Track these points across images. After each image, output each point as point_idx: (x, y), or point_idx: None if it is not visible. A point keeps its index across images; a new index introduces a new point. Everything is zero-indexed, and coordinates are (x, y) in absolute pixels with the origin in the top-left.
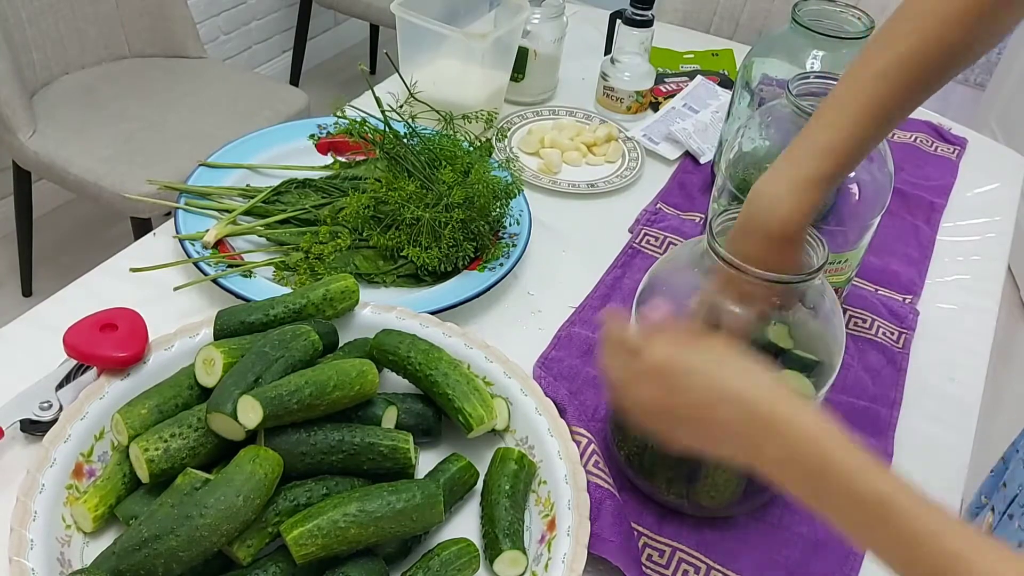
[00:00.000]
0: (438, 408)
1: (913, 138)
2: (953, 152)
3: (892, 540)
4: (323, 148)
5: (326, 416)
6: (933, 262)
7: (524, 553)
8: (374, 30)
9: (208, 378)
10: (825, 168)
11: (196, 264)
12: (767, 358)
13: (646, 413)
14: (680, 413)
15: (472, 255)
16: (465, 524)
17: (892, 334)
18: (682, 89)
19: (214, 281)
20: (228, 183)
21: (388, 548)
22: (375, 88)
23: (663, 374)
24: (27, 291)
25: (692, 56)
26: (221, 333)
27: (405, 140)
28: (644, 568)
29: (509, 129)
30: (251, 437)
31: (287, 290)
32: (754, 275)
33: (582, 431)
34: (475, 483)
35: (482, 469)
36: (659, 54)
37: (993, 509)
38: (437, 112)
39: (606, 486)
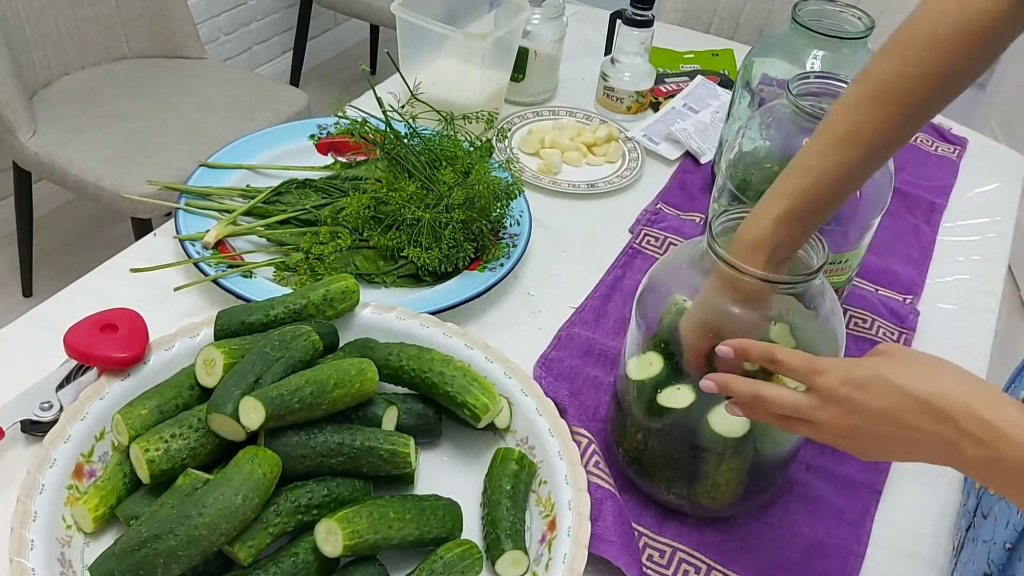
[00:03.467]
0: (439, 407)
1: (914, 138)
2: (953, 152)
3: None
4: (323, 148)
5: (327, 416)
6: (933, 262)
7: (526, 553)
8: (374, 30)
9: (209, 378)
10: (800, 205)
11: (196, 264)
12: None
13: (835, 437)
14: (868, 429)
15: (472, 255)
16: (466, 524)
17: (892, 334)
18: (682, 89)
19: (214, 281)
20: (228, 183)
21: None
22: (376, 88)
23: (841, 395)
24: (27, 291)
25: (692, 56)
26: (221, 333)
27: (405, 140)
28: (644, 568)
29: (509, 129)
30: (251, 438)
31: (287, 290)
32: (753, 275)
33: (582, 431)
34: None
35: (482, 469)
36: (659, 54)
37: None
38: (438, 112)
39: (606, 486)
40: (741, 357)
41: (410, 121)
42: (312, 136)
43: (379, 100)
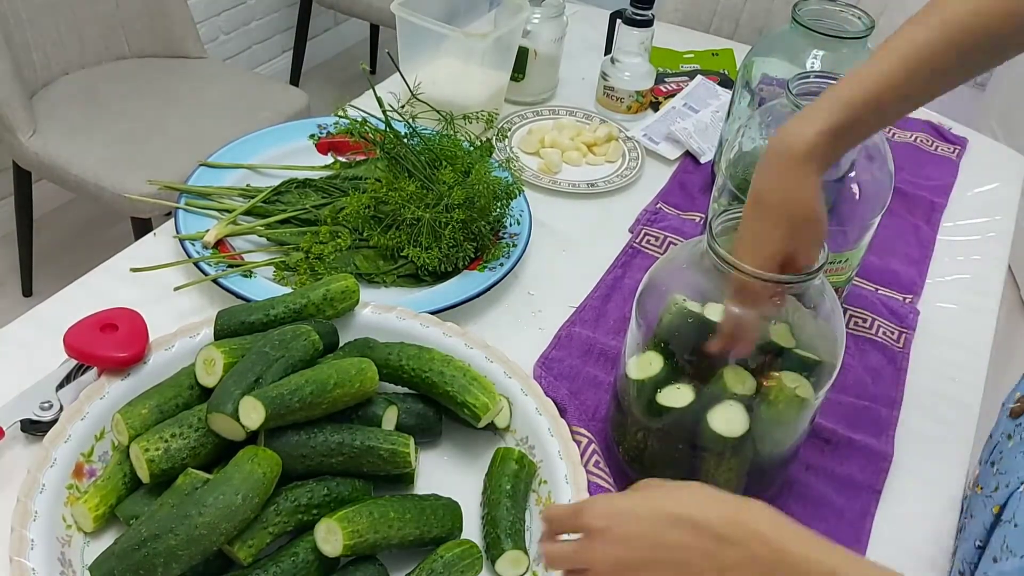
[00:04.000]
0: (439, 407)
1: (913, 138)
2: (953, 152)
3: None
4: (323, 148)
5: (327, 416)
6: (933, 262)
7: (526, 553)
8: (374, 30)
9: (208, 378)
10: (842, 119)
11: (196, 264)
12: (769, 357)
13: (609, 572)
14: (632, 558)
15: (472, 255)
16: (466, 524)
17: (892, 334)
18: (682, 89)
19: (214, 281)
20: (228, 183)
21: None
22: (376, 88)
23: (601, 527)
24: (27, 291)
25: (692, 56)
26: (221, 333)
27: (405, 140)
28: None
29: (509, 129)
30: (251, 438)
31: (287, 290)
32: (753, 275)
33: (582, 431)
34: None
35: (482, 469)
36: (659, 54)
37: (980, 462)
38: (438, 112)
39: (606, 486)
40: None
41: (410, 121)
42: (312, 136)
43: (379, 100)
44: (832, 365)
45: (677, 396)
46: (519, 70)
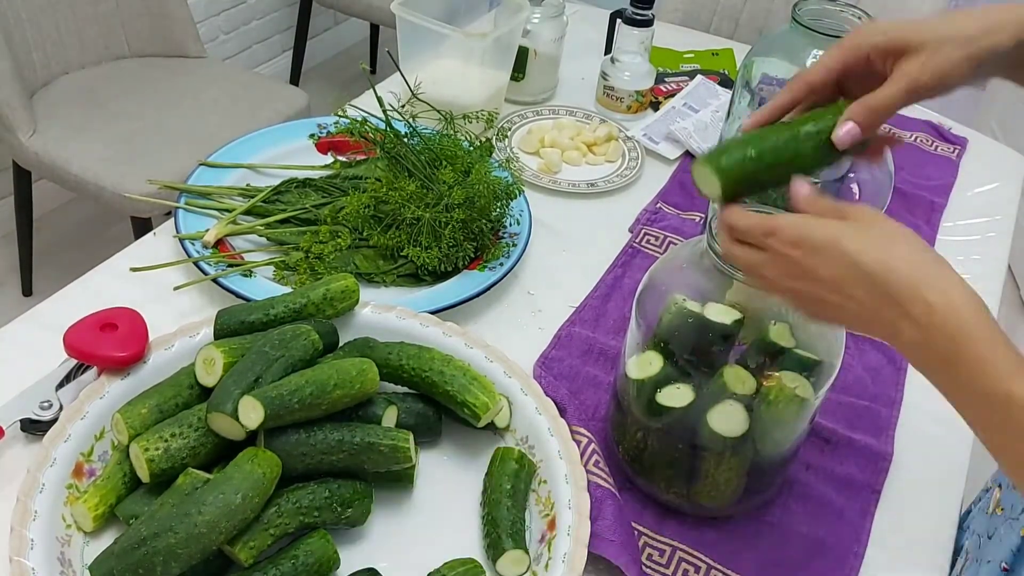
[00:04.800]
0: (438, 407)
1: (913, 138)
2: (953, 152)
3: (1015, 441)
4: (323, 148)
5: (326, 416)
6: None
7: (527, 552)
8: (374, 30)
9: (208, 378)
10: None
11: (196, 264)
12: (768, 357)
13: (782, 295)
14: (813, 294)
15: (472, 255)
16: (466, 523)
17: None
18: (682, 88)
19: (214, 281)
20: (228, 183)
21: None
22: (376, 87)
23: (794, 255)
24: (27, 291)
25: (692, 55)
26: (221, 333)
27: (405, 140)
28: (644, 567)
29: (509, 129)
30: (251, 437)
31: (287, 290)
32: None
33: (582, 431)
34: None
35: (482, 469)
36: (659, 53)
37: (1001, 485)
38: (438, 112)
39: (606, 485)
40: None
41: (410, 120)
42: (312, 135)
43: (379, 99)
44: (832, 365)
45: (677, 396)
46: (519, 70)
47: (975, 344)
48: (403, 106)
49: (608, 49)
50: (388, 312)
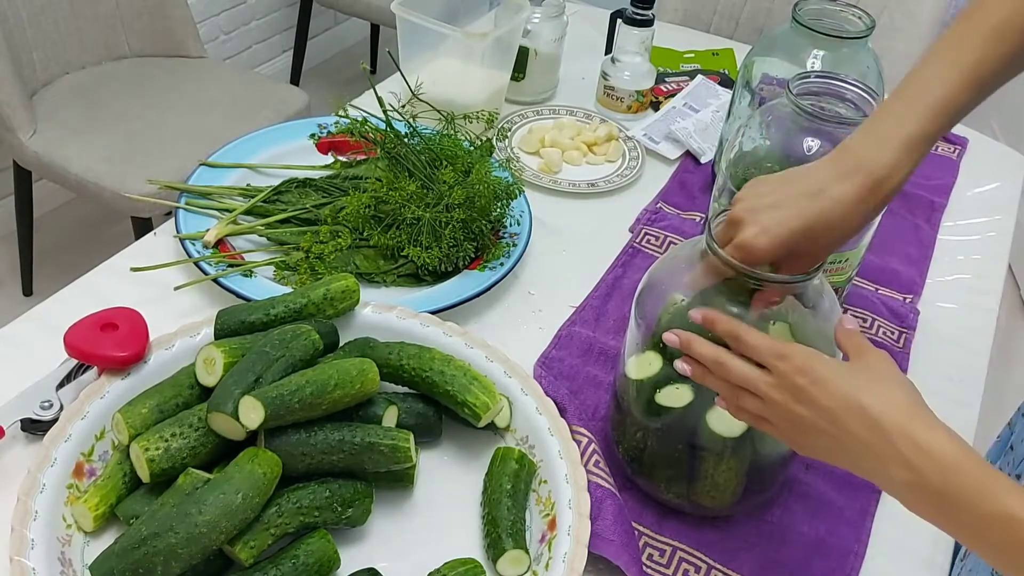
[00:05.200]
0: (439, 407)
1: None
2: (954, 151)
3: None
4: (323, 147)
5: (327, 416)
6: (934, 261)
7: (527, 552)
8: (374, 29)
9: (209, 378)
10: (930, 128)
11: (197, 264)
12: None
13: (780, 421)
14: (811, 424)
15: (472, 255)
16: (466, 523)
17: (892, 333)
18: (682, 88)
19: (215, 281)
20: (228, 183)
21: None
22: (376, 87)
23: (798, 384)
24: (27, 291)
25: (692, 55)
26: (221, 333)
27: (406, 140)
28: (644, 567)
29: (509, 129)
30: (252, 437)
31: (287, 290)
32: (753, 275)
33: (582, 430)
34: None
35: (483, 469)
36: (659, 53)
37: None
38: (438, 112)
39: (606, 485)
40: (708, 327)
41: (410, 120)
42: (312, 135)
43: (379, 99)
44: None
45: (676, 396)
46: (519, 70)
47: (967, 472)
48: (403, 106)
49: (608, 49)
50: (388, 312)
